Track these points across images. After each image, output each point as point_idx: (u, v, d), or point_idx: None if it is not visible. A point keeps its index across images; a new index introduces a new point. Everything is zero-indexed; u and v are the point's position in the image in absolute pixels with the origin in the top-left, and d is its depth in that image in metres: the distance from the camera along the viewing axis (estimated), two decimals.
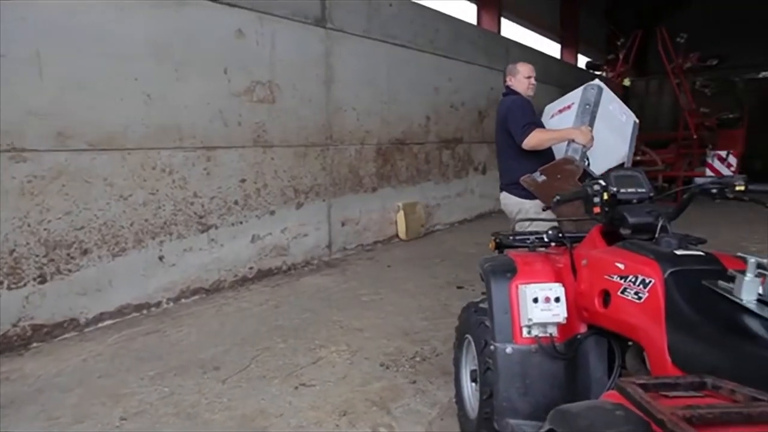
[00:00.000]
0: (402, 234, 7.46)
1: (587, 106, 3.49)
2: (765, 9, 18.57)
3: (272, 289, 5.21)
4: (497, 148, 3.85)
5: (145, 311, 4.51)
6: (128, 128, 4.34)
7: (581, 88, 3.67)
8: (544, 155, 3.49)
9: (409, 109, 7.69)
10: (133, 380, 3.27)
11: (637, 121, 3.71)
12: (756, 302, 1.46)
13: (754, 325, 1.37)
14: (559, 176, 3.27)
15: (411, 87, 7.67)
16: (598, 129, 3.43)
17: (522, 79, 3.74)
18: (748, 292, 1.47)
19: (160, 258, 4.63)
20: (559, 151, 3.50)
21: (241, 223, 5.33)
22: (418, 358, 3.55)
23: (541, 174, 3.35)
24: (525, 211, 3.56)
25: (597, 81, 3.65)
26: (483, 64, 9.47)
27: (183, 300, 4.80)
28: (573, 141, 3.35)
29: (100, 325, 4.20)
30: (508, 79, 3.81)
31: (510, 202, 3.66)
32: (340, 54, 6.37)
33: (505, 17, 11.63)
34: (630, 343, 1.93)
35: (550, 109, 3.89)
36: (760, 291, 1.48)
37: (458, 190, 9.02)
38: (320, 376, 3.31)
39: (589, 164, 3.39)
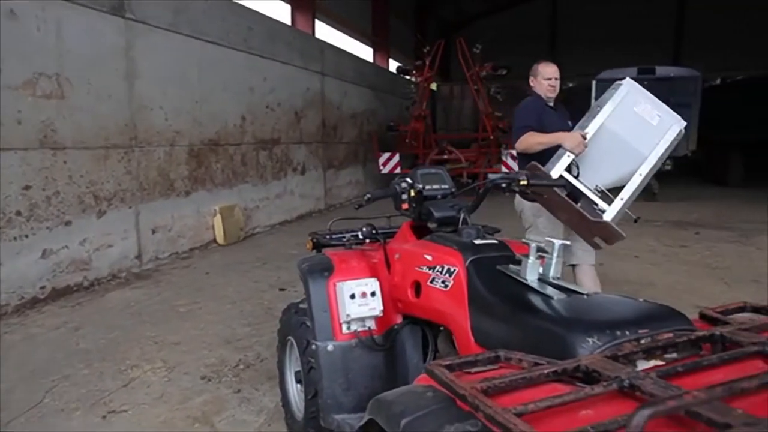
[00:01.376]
0: (220, 239, 7.15)
1: (597, 109, 3.17)
2: (541, 29, 21.61)
3: (72, 309, 4.61)
4: None
5: None
6: None
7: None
8: (548, 157, 3.24)
9: (223, 108, 7.39)
10: None
11: (681, 126, 3.07)
12: (538, 281, 1.68)
13: (536, 300, 1.57)
14: None
15: (225, 86, 7.37)
16: (608, 132, 3.08)
17: (541, 80, 3.54)
18: (531, 272, 1.68)
19: None
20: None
21: (26, 236, 4.61)
22: (242, 366, 3.44)
23: None
24: (523, 212, 3.56)
25: (627, 80, 3.20)
26: (299, 64, 9.49)
27: None
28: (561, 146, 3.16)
29: None
30: (531, 80, 3.62)
31: (517, 200, 3.60)
32: (144, 48, 5.87)
33: (320, 19, 11.78)
34: (441, 328, 2.09)
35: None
36: (540, 271, 1.70)
37: (277, 191, 8.92)
38: (133, 400, 3.02)
39: (578, 174, 3.11)
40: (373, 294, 2.10)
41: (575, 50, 20.39)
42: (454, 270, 1.80)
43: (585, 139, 3.04)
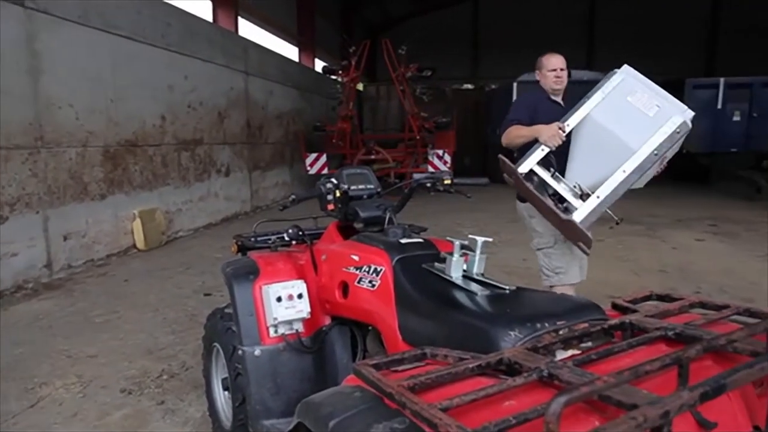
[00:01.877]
0: (140, 244, 6.82)
1: (585, 99, 2.84)
2: (464, 31, 22.21)
3: None
4: None
5: None
6: None
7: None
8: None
9: (141, 107, 7.05)
10: None
11: (685, 117, 2.63)
12: (462, 278, 1.71)
13: (461, 297, 1.61)
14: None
15: (142, 84, 7.04)
16: (594, 124, 2.77)
17: (546, 72, 3.22)
18: (455, 269, 1.72)
19: None
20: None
21: None
22: (165, 376, 3.29)
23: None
24: (521, 214, 3.31)
25: (625, 66, 2.86)
26: (221, 63, 9.22)
27: None
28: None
29: None
30: (536, 74, 3.32)
31: (517, 204, 3.35)
32: (50, 41, 5.49)
33: (243, 17, 11.50)
34: (370, 328, 2.09)
35: None
36: (465, 267, 1.74)
37: (201, 193, 8.64)
38: (42, 421, 2.81)
39: (554, 170, 2.80)
40: (300, 296, 2.08)
41: (497, 53, 21.13)
42: (381, 269, 1.81)
43: (563, 131, 2.75)
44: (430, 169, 12.07)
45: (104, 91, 6.35)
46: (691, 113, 2.67)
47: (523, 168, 2.78)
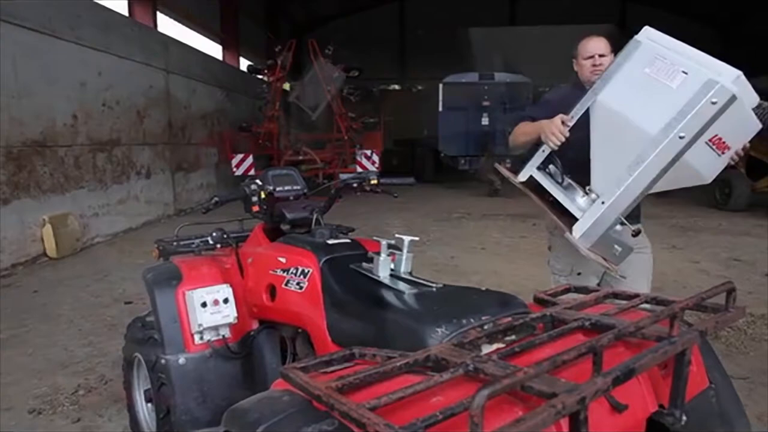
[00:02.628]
0: (51, 252, 6.39)
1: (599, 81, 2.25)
2: (390, 32, 22.44)
3: None
4: None
5: None
6: None
7: None
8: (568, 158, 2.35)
9: (50, 105, 6.61)
10: None
11: (723, 80, 1.86)
12: (390, 277, 1.73)
13: (388, 296, 1.62)
14: None
15: (50, 80, 6.60)
16: (603, 110, 2.17)
17: (581, 61, 2.61)
18: (383, 269, 1.74)
19: None
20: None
21: None
22: (81, 392, 3.11)
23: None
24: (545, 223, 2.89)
25: (645, 29, 2.16)
26: (140, 60, 8.81)
27: None
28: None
29: None
30: (574, 64, 2.73)
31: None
32: None
33: (162, 12, 11.04)
34: (299, 330, 2.07)
35: None
36: (392, 267, 1.76)
37: (119, 196, 8.22)
38: None
39: (560, 173, 2.32)
40: (225, 301, 2.03)
41: (423, 54, 21.48)
42: (309, 271, 1.80)
43: (567, 125, 2.24)
44: (359, 169, 12.11)
45: (5, 86, 5.89)
46: (735, 73, 1.91)
47: (522, 176, 2.37)
